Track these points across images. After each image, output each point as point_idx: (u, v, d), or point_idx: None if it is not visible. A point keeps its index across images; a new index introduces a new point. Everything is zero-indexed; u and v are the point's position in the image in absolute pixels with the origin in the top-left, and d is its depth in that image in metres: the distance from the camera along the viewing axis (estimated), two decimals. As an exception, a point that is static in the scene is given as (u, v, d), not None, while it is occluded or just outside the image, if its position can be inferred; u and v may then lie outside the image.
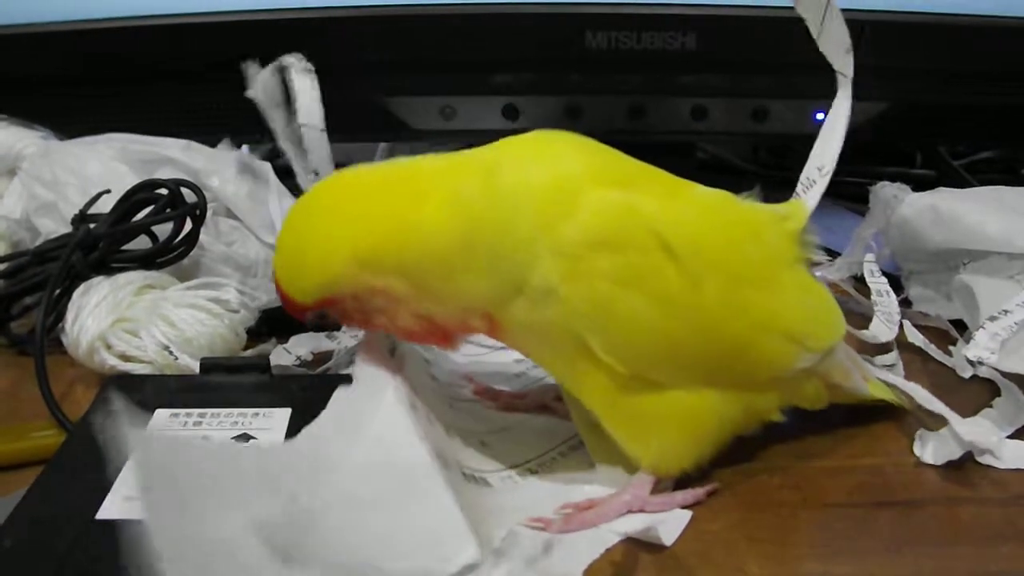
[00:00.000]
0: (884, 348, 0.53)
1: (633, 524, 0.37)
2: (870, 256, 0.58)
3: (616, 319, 0.36)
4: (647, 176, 0.39)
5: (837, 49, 0.42)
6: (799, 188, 0.44)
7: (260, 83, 0.44)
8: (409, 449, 0.36)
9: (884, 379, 0.47)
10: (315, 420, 0.36)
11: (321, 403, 0.39)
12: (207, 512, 0.30)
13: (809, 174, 0.44)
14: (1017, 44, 0.69)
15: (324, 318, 0.39)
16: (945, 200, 0.56)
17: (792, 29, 0.43)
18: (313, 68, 0.44)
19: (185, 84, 0.69)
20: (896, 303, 0.55)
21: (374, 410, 0.37)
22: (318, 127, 0.43)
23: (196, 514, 0.30)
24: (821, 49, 0.43)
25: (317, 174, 0.45)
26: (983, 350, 0.48)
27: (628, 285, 0.36)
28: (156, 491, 0.29)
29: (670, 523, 0.38)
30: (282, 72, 0.44)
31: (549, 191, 0.36)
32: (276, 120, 0.43)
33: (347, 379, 0.42)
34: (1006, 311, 0.49)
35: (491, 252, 0.36)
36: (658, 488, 0.40)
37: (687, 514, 0.39)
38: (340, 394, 0.38)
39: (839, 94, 0.43)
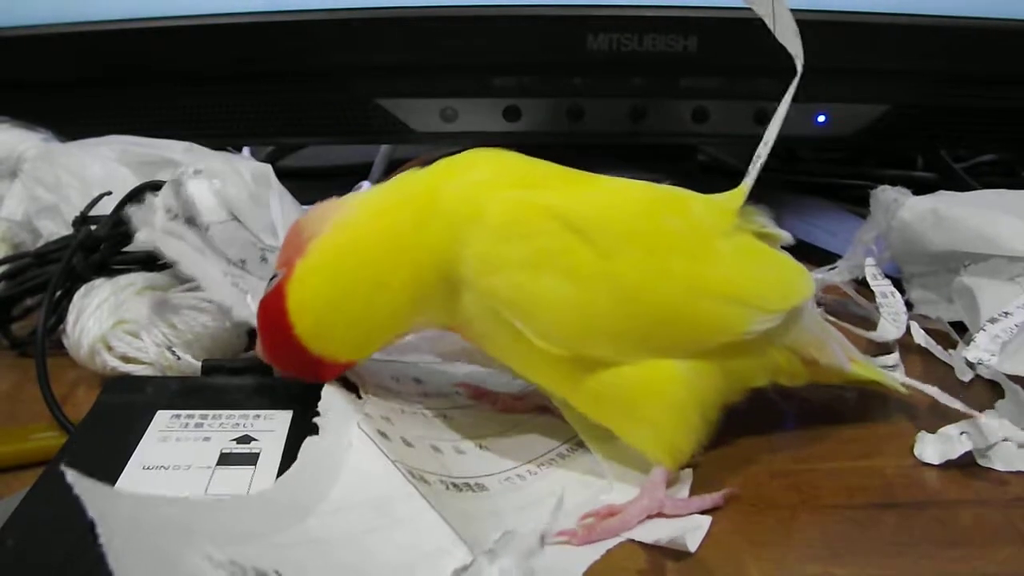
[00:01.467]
0: (885, 350, 0.53)
1: (657, 533, 0.37)
2: (871, 259, 0.58)
3: (536, 303, 0.38)
4: (560, 177, 0.41)
5: (789, 34, 0.44)
6: (751, 165, 0.45)
7: (153, 230, 0.45)
8: (383, 479, 0.36)
9: (892, 375, 0.47)
10: (288, 470, 0.36)
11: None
12: (179, 563, 0.29)
13: (759, 150, 0.45)
14: (1018, 46, 0.69)
15: None
16: (946, 203, 0.56)
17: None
18: (201, 168, 0.46)
19: (187, 86, 0.69)
20: (902, 303, 0.55)
21: (343, 450, 0.37)
22: (227, 220, 0.43)
23: (168, 564, 0.29)
24: (778, 38, 0.44)
25: (244, 262, 0.45)
26: (983, 352, 0.48)
27: (539, 268, 0.38)
28: (124, 545, 0.28)
29: (694, 530, 0.37)
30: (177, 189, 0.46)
31: (462, 205, 0.39)
32: (181, 249, 0.45)
33: (348, 380, 0.42)
34: (1006, 313, 0.49)
35: (449, 281, 0.39)
36: (672, 484, 0.40)
37: (707, 519, 0.38)
38: (309, 442, 0.37)
39: (798, 73, 0.45)
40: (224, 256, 0.48)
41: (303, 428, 0.39)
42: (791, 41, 0.44)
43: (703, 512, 0.39)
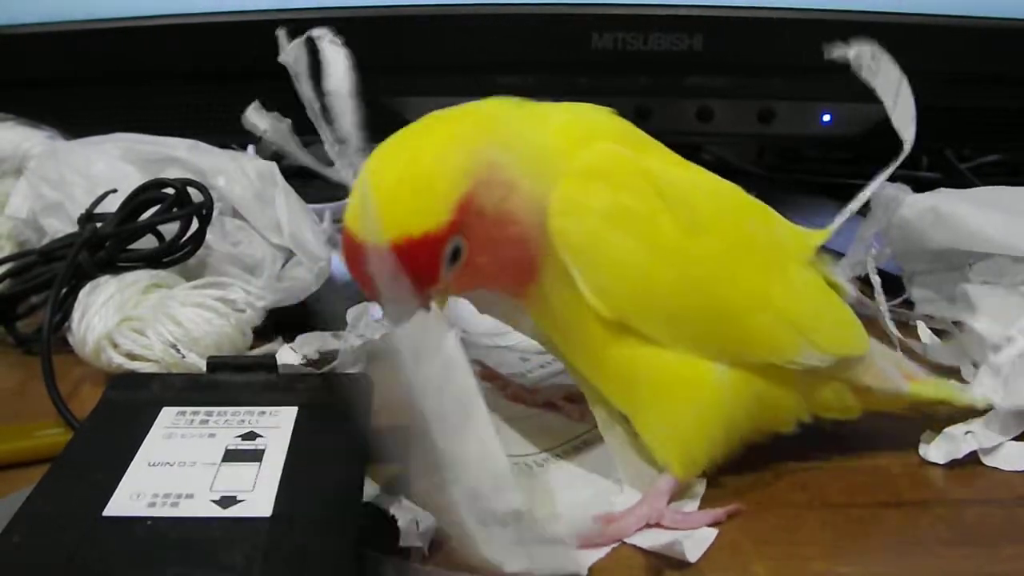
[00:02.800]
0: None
1: (657, 540, 0.37)
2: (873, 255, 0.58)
3: (604, 256, 0.37)
4: (659, 149, 0.41)
5: (906, 120, 0.46)
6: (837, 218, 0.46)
7: (292, 52, 0.44)
8: (468, 384, 0.35)
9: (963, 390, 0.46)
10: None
11: (328, 402, 0.38)
12: None
13: (851, 205, 0.47)
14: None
15: (456, 257, 0.36)
16: (946, 201, 0.56)
17: (799, 31, 0.43)
18: (340, 41, 0.45)
19: (192, 84, 0.69)
20: (885, 306, 0.55)
21: (437, 345, 0.35)
22: (345, 96, 0.43)
23: None
24: (893, 121, 0.45)
25: (343, 142, 0.45)
26: (988, 389, 0.47)
27: (618, 222, 0.37)
28: None
29: (695, 539, 0.37)
30: (311, 44, 0.45)
31: (571, 136, 0.38)
32: (305, 89, 0.44)
33: (354, 377, 0.42)
34: (1009, 339, 0.48)
35: (531, 169, 0.37)
36: (682, 495, 0.40)
37: (713, 532, 0.38)
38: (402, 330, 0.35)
39: (901, 154, 0.46)
40: (331, 128, 0.46)
41: (308, 424, 0.39)
42: (906, 127, 0.45)
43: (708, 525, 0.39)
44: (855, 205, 0.46)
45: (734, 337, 0.39)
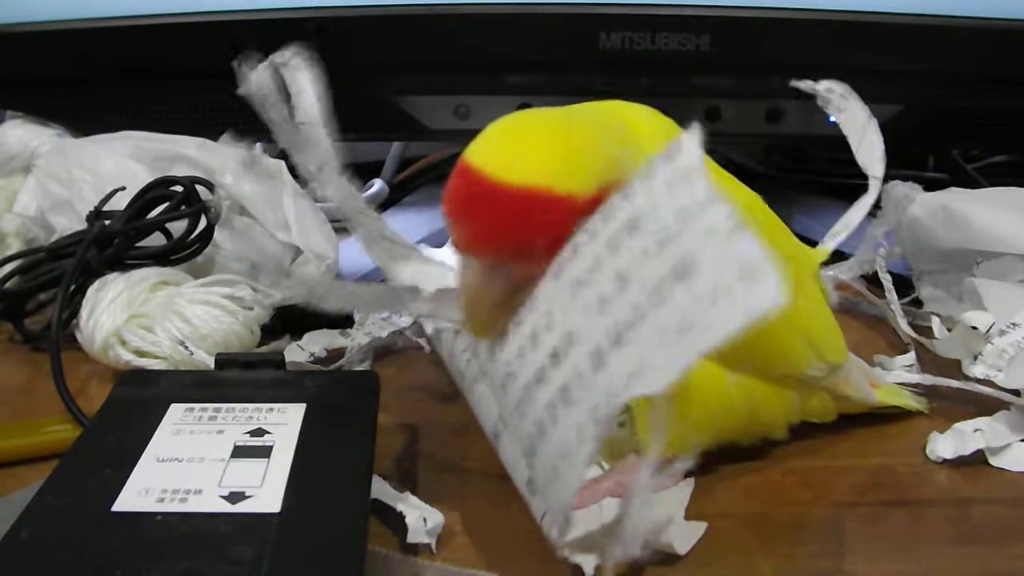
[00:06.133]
0: (903, 349, 0.53)
1: (651, 533, 0.36)
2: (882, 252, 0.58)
3: None
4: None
5: (874, 160, 0.47)
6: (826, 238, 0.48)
7: (253, 81, 0.43)
8: None
9: (902, 380, 0.48)
10: None
11: (335, 399, 0.38)
12: None
13: (837, 228, 0.48)
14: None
15: None
16: (956, 200, 0.56)
17: (806, 30, 0.43)
18: (311, 61, 0.44)
19: (199, 82, 0.69)
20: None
21: None
22: (318, 124, 0.42)
23: None
24: (858, 157, 0.46)
25: (320, 170, 0.44)
26: (989, 367, 0.48)
27: None
28: None
29: (684, 534, 0.37)
30: (278, 69, 0.44)
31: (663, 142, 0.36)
32: (272, 118, 0.43)
33: (362, 374, 0.42)
34: (1015, 324, 0.49)
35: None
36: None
37: (702, 525, 0.38)
38: None
39: (871, 189, 0.47)
40: (305, 155, 0.45)
41: (316, 421, 0.39)
42: (872, 164, 0.46)
43: (690, 513, 0.38)
44: (840, 227, 0.48)
45: (763, 348, 0.39)
